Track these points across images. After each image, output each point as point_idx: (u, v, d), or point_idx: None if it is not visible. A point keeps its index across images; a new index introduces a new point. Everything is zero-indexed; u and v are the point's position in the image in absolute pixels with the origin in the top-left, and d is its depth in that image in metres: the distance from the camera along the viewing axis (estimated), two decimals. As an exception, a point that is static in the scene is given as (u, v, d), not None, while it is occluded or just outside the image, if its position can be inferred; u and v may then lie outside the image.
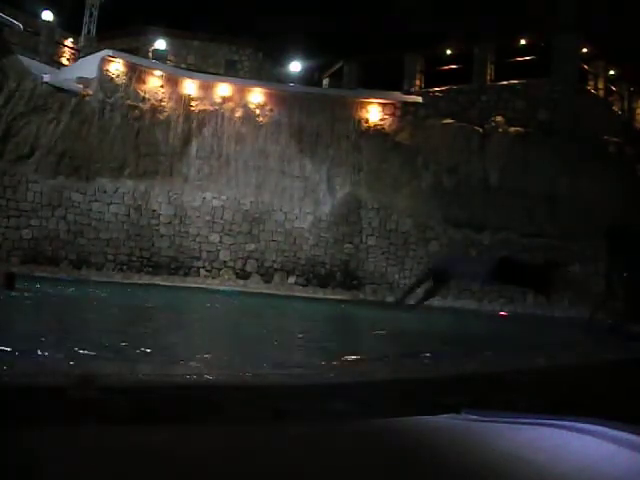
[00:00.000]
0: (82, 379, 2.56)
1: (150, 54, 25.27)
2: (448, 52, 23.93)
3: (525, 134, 21.30)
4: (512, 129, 21.55)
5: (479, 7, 23.62)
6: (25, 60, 20.13)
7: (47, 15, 25.28)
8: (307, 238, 22.75)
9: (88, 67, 21.29)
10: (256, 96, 22.89)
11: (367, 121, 23.13)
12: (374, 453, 1.35)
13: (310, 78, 26.70)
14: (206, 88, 22.66)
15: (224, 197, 22.41)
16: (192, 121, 22.31)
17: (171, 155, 22.02)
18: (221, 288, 21.04)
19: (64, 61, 26.07)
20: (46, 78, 19.92)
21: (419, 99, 23.26)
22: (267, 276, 22.38)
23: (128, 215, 21.42)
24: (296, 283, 22.40)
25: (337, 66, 26.45)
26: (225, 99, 22.69)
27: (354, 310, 18.60)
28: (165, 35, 26.65)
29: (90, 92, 20.79)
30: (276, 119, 22.79)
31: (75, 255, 20.52)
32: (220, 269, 22.15)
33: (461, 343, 9.33)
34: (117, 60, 21.43)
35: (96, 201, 21.07)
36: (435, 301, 21.65)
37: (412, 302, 7.99)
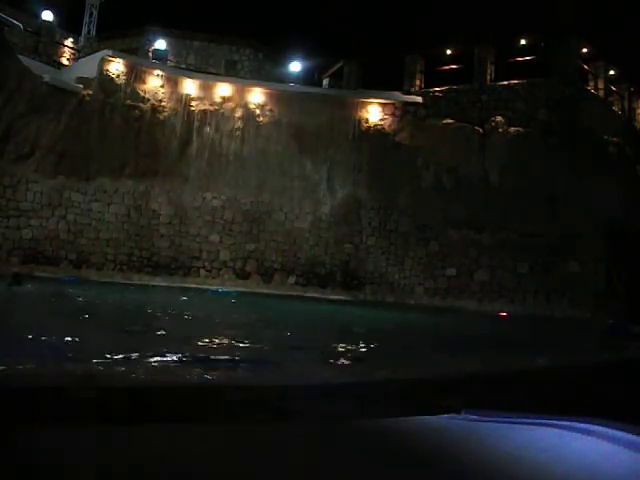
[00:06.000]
0: (82, 379, 2.56)
1: (150, 54, 25.27)
2: (448, 52, 23.91)
3: (525, 134, 21.28)
4: (512, 129, 21.54)
5: (479, 7, 23.64)
6: (25, 60, 20.13)
7: (47, 15, 25.27)
8: (307, 238, 22.74)
9: (88, 67, 21.30)
10: (256, 96, 22.89)
11: (367, 121, 23.12)
12: (374, 453, 1.35)
13: (310, 78, 26.69)
14: (206, 88, 22.65)
15: (224, 197, 22.41)
16: (192, 121, 22.30)
17: (171, 155, 22.01)
18: (218, 288, 21.04)
19: (64, 61, 26.07)
20: (46, 78, 19.92)
21: (419, 99, 23.25)
22: (267, 276, 22.38)
23: (128, 215, 21.42)
24: (296, 283, 22.39)
25: (337, 66, 26.43)
26: (225, 99, 22.68)
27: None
28: (165, 35, 26.66)
29: (90, 92, 20.79)
30: (276, 119, 22.78)
31: (75, 255, 20.53)
32: (220, 269, 22.15)
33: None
34: (117, 60, 21.44)
35: (96, 201, 21.07)
36: (435, 301, 21.71)
37: None
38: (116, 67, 21.33)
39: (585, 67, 23.29)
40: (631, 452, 1.26)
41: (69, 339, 6.79)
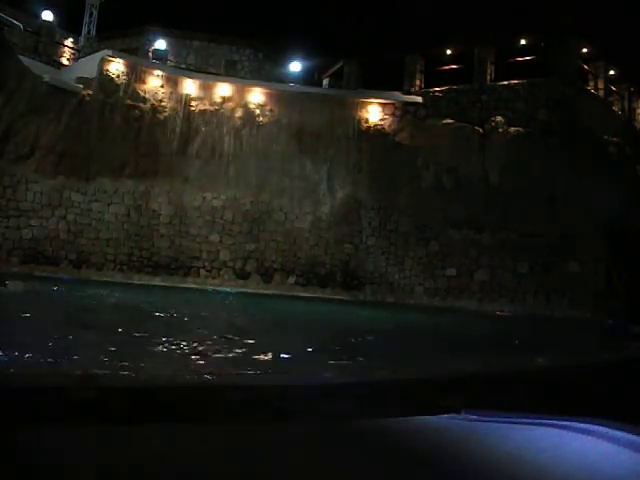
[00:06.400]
0: (82, 379, 2.56)
1: (150, 54, 25.27)
2: (448, 52, 23.91)
3: (525, 134, 21.29)
4: (512, 129, 21.54)
5: (479, 7, 23.65)
6: (25, 60, 20.13)
7: (47, 15, 25.29)
8: (307, 238, 22.74)
9: (88, 67, 21.30)
10: (256, 96, 22.89)
11: (367, 121, 23.12)
12: (374, 453, 1.35)
13: (310, 78, 26.69)
14: (206, 88, 22.65)
15: (224, 197, 22.41)
16: (192, 121, 22.30)
17: (171, 155, 22.01)
18: (215, 288, 21.03)
19: (64, 61, 26.07)
20: (46, 78, 19.92)
21: (419, 99, 23.24)
22: (267, 276, 22.37)
23: (128, 215, 21.42)
24: (296, 283, 22.39)
25: (337, 66, 26.43)
26: (225, 99, 22.68)
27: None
28: (165, 35, 26.66)
29: (90, 92, 20.79)
30: (276, 119, 22.78)
31: (75, 255, 20.53)
32: (220, 269, 22.15)
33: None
34: (117, 60, 21.44)
35: (96, 201, 21.08)
36: (435, 301, 21.71)
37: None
38: (116, 67, 21.33)
39: (585, 67, 23.29)
40: (631, 452, 1.26)
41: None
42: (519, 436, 1.46)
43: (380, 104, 23.23)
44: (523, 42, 22.97)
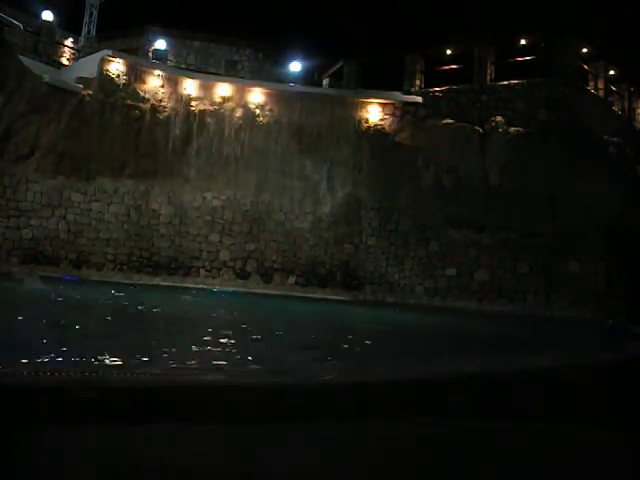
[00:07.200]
0: (82, 379, 2.55)
1: (150, 54, 25.27)
2: (448, 52, 23.91)
3: (525, 134, 21.28)
4: (512, 129, 21.54)
5: (479, 7, 23.63)
6: (25, 60, 20.12)
7: (47, 15, 25.27)
8: (307, 238, 22.74)
9: (88, 67, 21.30)
10: (256, 96, 22.89)
11: (367, 121, 23.12)
12: (374, 453, 1.35)
13: (310, 78, 26.68)
14: (206, 88, 22.65)
15: (224, 197, 22.41)
16: (192, 121, 22.30)
17: (171, 155, 22.01)
18: (216, 288, 21.05)
19: (64, 61, 26.07)
20: (46, 78, 19.91)
21: (419, 99, 23.24)
22: (267, 276, 22.38)
23: (128, 215, 21.42)
24: (296, 283, 22.39)
25: (337, 66, 26.43)
26: (225, 99, 22.68)
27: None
28: (165, 35, 26.65)
29: (90, 92, 20.78)
30: (276, 119, 22.78)
31: (75, 255, 20.53)
32: (220, 269, 22.15)
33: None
34: (117, 60, 21.43)
35: (96, 201, 21.08)
36: (435, 301, 21.70)
37: None
38: (116, 67, 21.33)
39: (585, 67, 23.29)
40: (630, 452, 1.27)
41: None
42: (519, 436, 1.46)
43: (380, 104, 23.23)
44: (523, 42, 22.96)
